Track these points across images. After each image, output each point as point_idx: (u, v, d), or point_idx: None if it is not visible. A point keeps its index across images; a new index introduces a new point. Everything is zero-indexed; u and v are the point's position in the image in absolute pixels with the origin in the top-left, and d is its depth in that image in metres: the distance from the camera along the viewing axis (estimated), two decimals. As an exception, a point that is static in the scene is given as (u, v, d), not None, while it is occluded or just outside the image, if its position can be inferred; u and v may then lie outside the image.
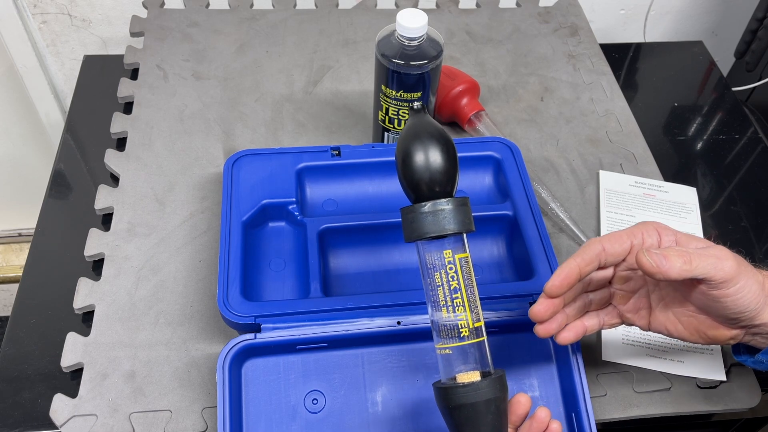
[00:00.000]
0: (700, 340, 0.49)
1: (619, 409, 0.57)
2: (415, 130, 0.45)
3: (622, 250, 0.47)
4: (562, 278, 0.46)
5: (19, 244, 1.38)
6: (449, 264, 0.44)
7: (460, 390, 0.43)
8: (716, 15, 1.19)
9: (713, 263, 0.44)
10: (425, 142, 0.44)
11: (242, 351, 0.53)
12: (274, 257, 0.63)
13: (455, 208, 0.44)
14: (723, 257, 0.44)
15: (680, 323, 0.49)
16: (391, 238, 0.64)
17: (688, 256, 0.44)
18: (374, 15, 0.94)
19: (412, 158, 0.44)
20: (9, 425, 0.55)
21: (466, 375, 0.44)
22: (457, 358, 0.44)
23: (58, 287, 0.64)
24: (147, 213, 0.68)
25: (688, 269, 0.43)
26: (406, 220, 0.45)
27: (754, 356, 0.50)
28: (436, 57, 0.64)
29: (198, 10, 0.92)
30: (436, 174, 0.44)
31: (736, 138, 0.84)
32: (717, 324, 0.48)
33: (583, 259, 0.46)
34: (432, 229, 0.43)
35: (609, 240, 0.47)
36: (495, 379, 0.44)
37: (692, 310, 0.49)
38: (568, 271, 0.46)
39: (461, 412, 0.43)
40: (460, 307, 0.44)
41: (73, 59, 1.09)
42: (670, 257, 0.44)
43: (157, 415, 0.55)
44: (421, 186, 0.44)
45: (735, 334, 0.48)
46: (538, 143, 0.79)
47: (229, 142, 0.76)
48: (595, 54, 0.91)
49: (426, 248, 0.45)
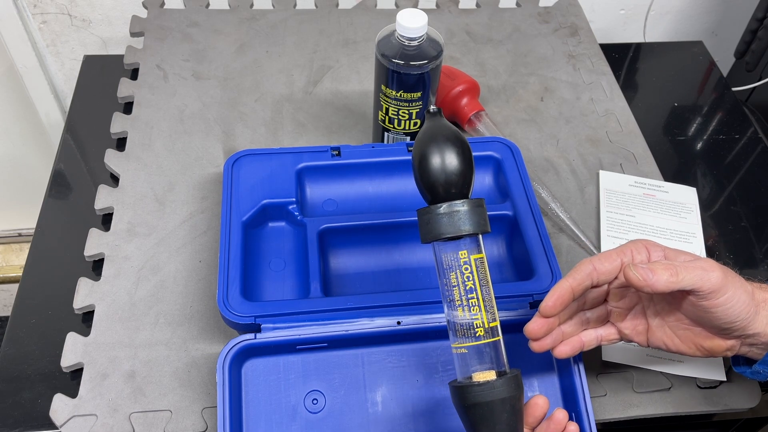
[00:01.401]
0: (698, 353, 0.50)
1: (619, 409, 0.57)
2: (431, 132, 0.46)
3: (612, 268, 0.48)
4: (555, 298, 0.47)
5: (19, 244, 1.38)
6: (465, 264, 0.45)
7: (476, 389, 0.43)
8: (716, 15, 1.19)
9: (700, 275, 0.45)
10: (441, 144, 0.45)
11: (242, 351, 0.53)
12: (274, 257, 0.63)
13: (471, 209, 0.44)
14: (709, 269, 0.45)
15: (677, 337, 0.50)
16: (392, 237, 0.64)
17: (675, 269, 0.45)
18: (374, 15, 0.94)
19: (428, 160, 0.45)
20: (9, 425, 0.55)
21: (482, 374, 0.44)
22: (472, 358, 0.45)
23: (58, 287, 0.64)
24: (147, 213, 0.68)
25: (674, 281, 0.45)
26: (422, 221, 0.45)
27: (752, 367, 0.51)
28: (436, 57, 0.64)
29: (198, 10, 0.92)
30: (451, 176, 0.44)
31: (736, 138, 0.84)
32: (712, 335, 0.49)
33: (575, 279, 0.47)
34: (448, 230, 0.44)
35: (599, 259, 0.48)
36: (510, 378, 0.44)
37: (687, 323, 0.50)
38: (561, 291, 0.47)
39: (477, 410, 0.43)
40: (476, 306, 0.45)
41: (73, 59, 1.09)
42: (657, 271, 0.45)
43: (157, 415, 0.55)
44: (437, 187, 0.45)
45: (731, 345, 0.49)
46: (538, 143, 0.79)
47: (229, 142, 0.76)
48: (595, 54, 0.91)
49: (442, 249, 0.45)
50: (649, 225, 0.70)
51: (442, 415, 0.55)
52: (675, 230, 0.70)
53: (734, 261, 0.70)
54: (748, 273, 0.69)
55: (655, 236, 0.69)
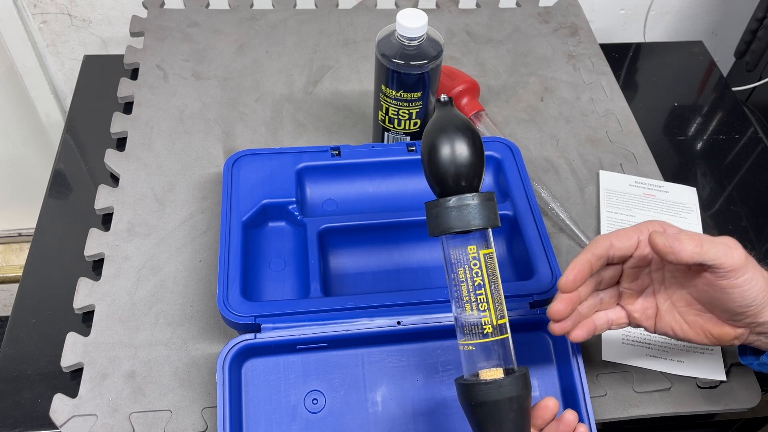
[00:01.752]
0: (705, 340, 0.50)
1: (619, 409, 0.57)
2: (441, 123, 0.44)
3: (630, 245, 0.47)
4: (576, 272, 0.46)
5: (19, 244, 1.38)
6: (473, 260, 0.44)
7: (482, 387, 0.42)
8: (716, 15, 1.19)
9: (723, 250, 0.44)
10: (451, 135, 0.43)
11: (242, 351, 0.53)
12: (274, 257, 0.63)
13: (481, 203, 0.43)
14: (733, 246, 0.45)
15: (686, 322, 0.50)
16: (392, 237, 0.64)
17: (700, 240, 0.45)
18: (374, 15, 0.94)
19: (437, 151, 0.43)
20: (9, 425, 0.55)
21: (489, 372, 0.43)
22: (479, 355, 0.44)
23: (58, 287, 0.64)
24: (147, 213, 0.68)
25: (699, 252, 0.44)
26: (430, 214, 0.44)
27: (759, 358, 0.51)
28: (436, 57, 0.64)
29: (198, 10, 0.92)
30: (462, 168, 0.43)
31: (736, 138, 0.84)
32: (722, 322, 0.49)
33: (594, 254, 0.47)
34: (457, 224, 0.43)
35: (617, 236, 0.47)
36: (518, 376, 0.43)
37: (698, 308, 0.49)
38: (580, 265, 0.47)
39: (483, 409, 0.42)
40: (484, 303, 0.44)
41: (73, 59, 1.09)
42: (683, 240, 0.44)
43: (157, 415, 0.55)
44: (447, 180, 0.43)
45: (739, 333, 0.48)
46: (538, 143, 0.79)
47: (229, 142, 0.76)
48: (595, 54, 0.91)
49: (450, 243, 0.44)
50: (649, 225, 0.70)
51: (443, 415, 0.55)
52: (675, 230, 0.70)
53: (734, 261, 0.70)
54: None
55: (655, 236, 0.69)
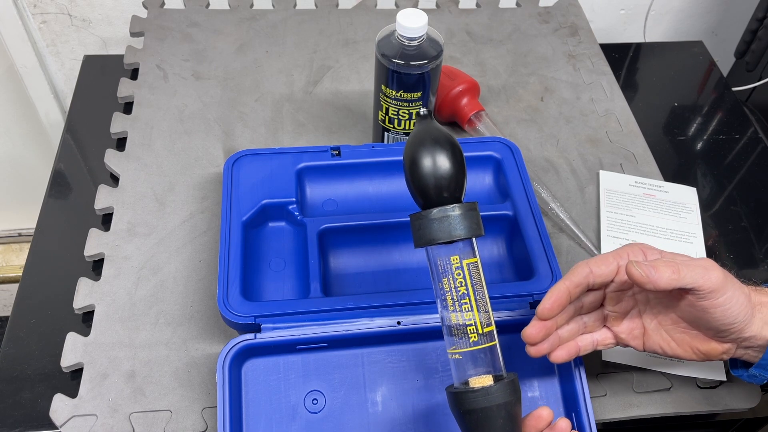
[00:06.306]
0: (694, 357, 0.50)
1: (619, 409, 0.57)
2: (421, 136, 0.45)
3: (609, 271, 0.48)
4: (552, 301, 0.47)
5: (19, 244, 1.38)
6: (457, 270, 0.44)
7: (470, 395, 0.43)
8: (716, 15, 1.19)
9: (701, 273, 0.45)
10: (432, 148, 0.44)
11: (242, 351, 0.53)
12: (274, 257, 0.63)
13: (463, 214, 0.44)
14: (710, 268, 0.45)
15: (673, 340, 0.50)
16: (392, 238, 0.64)
17: (676, 266, 0.45)
18: (374, 15, 0.94)
19: (419, 165, 0.44)
20: (9, 425, 0.55)
21: (478, 379, 0.44)
22: (467, 363, 0.45)
23: (58, 287, 0.64)
24: (147, 213, 0.68)
25: (676, 278, 0.45)
26: (414, 226, 0.45)
27: (748, 370, 0.51)
28: (436, 57, 0.64)
29: (198, 10, 0.92)
30: (442, 180, 0.44)
31: (736, 138, 0.84)
32: (708, 339, 0.49)
33: (572, 281, 0.47)
34: (440, 235, 0.43)
35: (596, 262, 0.48)
36: (506, 383, 0.44)
37: (683, 326, 0.50)
38: (557, 294, 0.47)
39: (472, 416, 0.43)
40: (469, 312, 0.44)
41: (73, 59, 1.09)
42: (659, 268, 0.45)
43: (157, 415, 0.55)
44: (429, 192, 0.44)
45: (727, 348, 0.49)
46: (538, 143, 0.79)
47: (229, 142, 0.76)
48: (595, 54, 0.91)
49: (435, 254, 0.45)
50: (649, 225, 0.70)
51: (442, 414, 0.55)
52: (675, 230, 0.70)
53: (734, 261, 0.70)
54: (747, 273, 0.69)
55: (655, 236, 0.69)
